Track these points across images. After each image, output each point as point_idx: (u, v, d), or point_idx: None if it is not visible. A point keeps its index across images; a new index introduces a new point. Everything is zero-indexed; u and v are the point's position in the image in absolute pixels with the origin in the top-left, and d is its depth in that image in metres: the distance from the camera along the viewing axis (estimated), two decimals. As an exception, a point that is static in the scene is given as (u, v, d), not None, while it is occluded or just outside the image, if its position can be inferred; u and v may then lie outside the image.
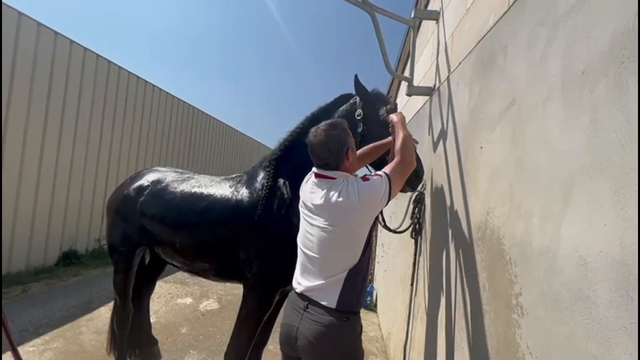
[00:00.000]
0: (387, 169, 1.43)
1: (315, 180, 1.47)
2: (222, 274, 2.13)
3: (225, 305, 4.57)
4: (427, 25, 2.69)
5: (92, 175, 6.68)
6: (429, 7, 2.59)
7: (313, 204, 1.42)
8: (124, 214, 2.38)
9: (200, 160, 10.92)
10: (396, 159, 1.47)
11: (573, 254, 0.84)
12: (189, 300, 4.72)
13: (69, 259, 6.12)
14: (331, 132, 1.44)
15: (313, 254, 1.39)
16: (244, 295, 1.97)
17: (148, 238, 2.29)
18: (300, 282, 1.42)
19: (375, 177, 1.38)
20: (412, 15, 2.41)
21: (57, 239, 6.03)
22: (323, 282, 1.34)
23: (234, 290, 5.07)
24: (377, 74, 4.58)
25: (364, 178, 1.40)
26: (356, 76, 1.92)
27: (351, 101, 2.00)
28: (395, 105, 1.96)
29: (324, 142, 1.43)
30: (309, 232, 1.42)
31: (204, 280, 5.56)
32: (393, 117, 1.68)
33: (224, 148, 12.76)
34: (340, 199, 1.33)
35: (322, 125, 1.49)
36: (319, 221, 1.38)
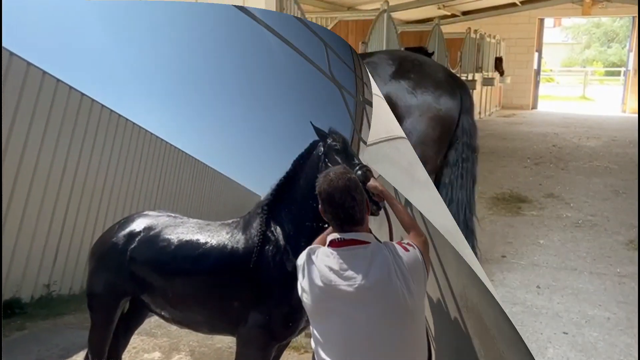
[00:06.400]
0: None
1: (340, 252, 1.12)
2: (215, 327, 2.03)
3: (199, 359, 4.05)
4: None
5: (48, 212, 6.11)
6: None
7: (354, 288, 1.06)
8: (110, 262, 2.25)
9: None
10: (422, 240, 1.25)
11: None
12: (156, 354, 4.12)
13: (11, 308, 5.34)
14: (350, 175, 1.17)
15: None
16: (237, 353, 1.84)
17: (136, 287, 2.15)
18: None
19: (415, 250, 1.16)
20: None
21: (-1, 286, 5.29)
22: None
23: (207, 341, 4.54)
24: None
25: (401, 246, 1.17)
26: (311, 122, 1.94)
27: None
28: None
29: (346, 187, 1.12)
30: (348, 329, 1.08)
31: (173, 329, 4.97)
32: (376, 185, 1.41)
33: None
34: (396, 282, 1.06)
35: (331, 170, 1.21)
36: (365, 311, 1.07)
